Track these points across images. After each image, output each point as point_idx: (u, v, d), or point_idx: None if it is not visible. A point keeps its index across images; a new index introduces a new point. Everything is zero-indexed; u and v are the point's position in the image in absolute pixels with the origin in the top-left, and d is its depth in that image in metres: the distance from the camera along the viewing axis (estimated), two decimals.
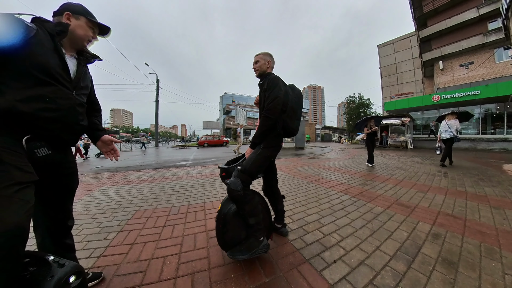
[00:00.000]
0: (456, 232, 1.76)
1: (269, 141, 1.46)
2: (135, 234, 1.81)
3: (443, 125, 5.33)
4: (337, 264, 1.36)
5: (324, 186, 3.39)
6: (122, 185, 3.75)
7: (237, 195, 1.28)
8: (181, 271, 1.30)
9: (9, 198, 0.69)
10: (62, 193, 1.04)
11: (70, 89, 0.96)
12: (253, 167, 1.38)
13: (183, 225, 1.99)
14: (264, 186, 1.75)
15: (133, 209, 2.46)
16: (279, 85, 1.41)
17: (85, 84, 1.09)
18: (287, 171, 4.91)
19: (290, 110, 1.50)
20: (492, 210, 2.25)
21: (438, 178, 3.94)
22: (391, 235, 1.73)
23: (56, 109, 0.89)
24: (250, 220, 1.33)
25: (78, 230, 1.92)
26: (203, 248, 1.57)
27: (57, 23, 0.94)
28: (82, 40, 1.04)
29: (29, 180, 0.78)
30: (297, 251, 1.51)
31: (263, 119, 1.40)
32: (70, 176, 1.07)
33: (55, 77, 0.89)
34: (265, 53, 1.58)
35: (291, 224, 1.98)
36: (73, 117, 0.98)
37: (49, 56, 0.88)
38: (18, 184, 0.73)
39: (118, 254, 1.51)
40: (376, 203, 2.53)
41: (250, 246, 1.32)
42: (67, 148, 1.06)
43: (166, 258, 1.44)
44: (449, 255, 1.43)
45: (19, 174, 0.75)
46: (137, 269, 1.33)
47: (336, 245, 1.59)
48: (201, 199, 2.82)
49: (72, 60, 1.03)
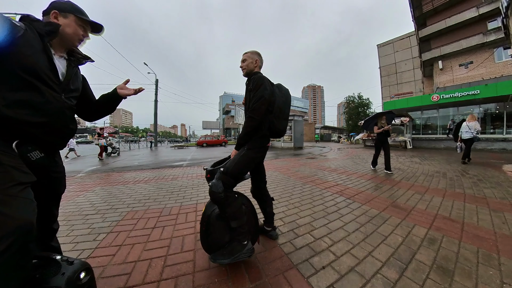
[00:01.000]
0: (452, 236, 1.69)
1: (254, 142, 1.40)
2: (125, 236, 1.80)
3: (464, 127, 5.78)
4: (326, 270, 1.29)
5: (320, 187, 3.32)
6: (116, 186, 3.71)
7: (218, 197, 1.24)
8: (166, 274, 1.28)
9: (15, 197, 0.71)
10: (49, 197, 1.01)
11: (58, 92, 0.92)
12: (236, 169, 1.32)
13: (173, 226, 1.97)
14: (253, 188, 1.70)
15: (125, 210, 2.45)
16: (264, 85, 1.36)
17: (75, 87, 1.04)
18: (283, 172, 4.84)
19: (277, 110, 1.43)
20: (491, 213, 2.18)
21: (437, 179, 3.86)
22: (385, 239, 1.65)
23: (44, 114, 0.86)
24: (232, 223, 1.28)
25: (68, 231, 1.91)
26: (190, 250, 1.55)
27: (46, 22, 0.90)
28: (72, 39, 0.98)
29: (30, 180, 0.78)
30: (286, 256, 1.45)
31: (247, 120, 1.36)
32: (59, 180, 1.05)
33: (43, 79, 0.85)
34: (253, 52, 1.52)
35: (282, 226, 1.91)
36: (62, 121, 0.95)
37: (38, 57, 0.83)
38: (20, 184, 0.74)
39: (106, 256, 1.49)
40: (371, 205, 2.46)
41: (233, 250, 1.27)
42: (56, 151, 1.03)
43: (152, 261, 1.42)
44: (444, 262, 1.36)
45: (19, 174, 0.75)
46: (122, 271, 1.31)
47: (327, 250, 1.52)
48: (193, 200, 2.78)
49: (62, 61, 0.98)
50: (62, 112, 0.93)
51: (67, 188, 1.17)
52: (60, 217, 2.24)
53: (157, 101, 22.39)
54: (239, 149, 1.43)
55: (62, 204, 2.68)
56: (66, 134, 0.99)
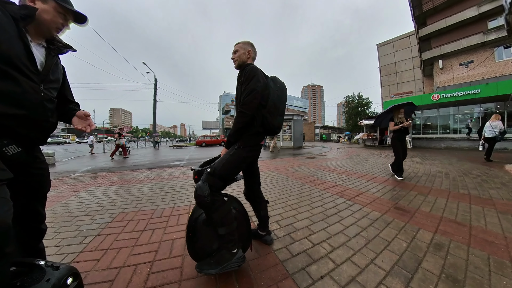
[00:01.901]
0: (460, 241, 1.58)
1: (245, 140, 1.27)
2: (112, 239, 1.71)
3: (487, 126, 5.94)
4: (324, 281, 1.18)
5: (319, 188, 3.20)
6: (110, 186, 3.60)
7: (204, 201, 1.11)
8: (150, 282, 1.20)
9: None
10: (32, 195, 0.95)
11: (37, 82, 0.84)
12: (225, 169, 1.19)
13: (163, 229, 1.87)
14: (246, 190, 1.57)
15: (115, 212, 2.34)
16: (257, 76, 1.23)
17: (55, 77, 0.96)
18: (281, 171, 4.72)
19: (271, 105, 1.30)
20: (499, 215, 2.07)
21: (439, 179, 3.75)
22: (388, 245, 1.54)
23: (21, 106, 0.78)
24: (220, 230, 1.16)
25: (55, 233, 1.83)
26: (178, 256, 1.45)
27: (22, 5, 0.82)
28: (49, 27, 0.89)
29: (5, 177, 0.72)
30: (281, 264, 1.34)
31: (238, 115, 1.23)
32: (41, 177, 0.98)
33: (20, 68, 0.77)
34: (245, 42, 1.40)
35: (278, 230, 1.80)
36: (41, 114, 0.86)
37: (12, 44, 0.75)
38: None
39: (90, 261, 1.41)
40: (372, 207, 2.34)
41: (221, 259, 1.15)
42: (35, 146, 0.96)
43: (138, 267, 1.34)
44: (453, 271, 1.24)
45: None
46: (105, 278, 1.23)
47: (325, 257, 1.41)
48: (187, 201, 2.67)
49: (40, 50, 0.90)
50: (41, 104, 0.86)
51: (59, 188, 1.08)
52: (48, 219, 2.12)
53: (156, 101, 22.26)
54: (229, 148, 1.30)
55: (52, 205, 2.58)
56: (46, 128, 0.92)
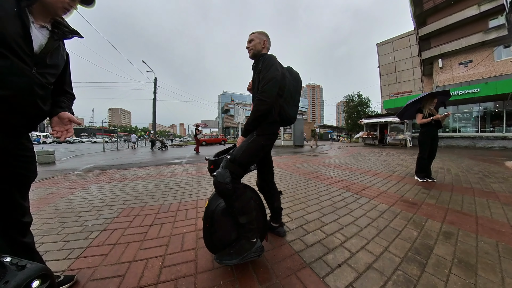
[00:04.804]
0: (468, 230, 1.62)
1: (263, 128, 1.28)
2: (119, 234, 1.68)
3: None
4: (342, 268, 1.21)
5: (325, 183, 3.24)
6: (113, 183, 3.60)
7: (225, 188, 1.10)
8: (164, 276, 1.16)
9: None
10: (12, 184, 0.87)
11: (29, 65, 0.79)
12: (245, 156, 1.20)
13: (172, 224, 1.86)
14: (259, 180, 1.59)
15: (120, 207, 2.33)
16: (275, 65, 1.24)
17: (53, 62, 0.91)
18: (285, 168, 4.76)
19: (287, 94, 1.33)
20: (503, 207, 2.12)
21: (441, 175, 3.81)
22: (399, 234, 1.58)
23: (4, 87, 0.72)
24: (241, 218, 1.15)
25: (59, 229, 1.80)
26: (191, 249, 1.43)
27: None
28: (55, 7, 0.85)
29: None
30: (296, 254, 1.35)
31: (257, 103, 1.22)
32: (25, 164, 0.91)
33: (12, 48, 0.73)
34: (260, 32, 1.41)
35: (289, 223, 1.83)
36: (28, 99, 0.80)
37: (7, 22, 0.72)
38: None
39: (98, 256, 1.38)
40: (380, 200, 2.38)
41: (241, 249, 1.16)
42: (20, 135, 0.87)
43: (149, 261, 1.31)
44: (465, 256, 1.28)
45: None
46: (115, 273, 1.20)
47: (340, 246, 1.44)
48: (194, 197, 2.68)
49: (43, 32, 0.86)
50: (30, 87, 0.80)
51: (61, 185, 1.05)
52: (51, 215, 2.14)
53: (155, 100, 22.18)
54: (246, 136, 1.31)
55: (54, 202, 2.58)
56: (33, 115, 0.85)
